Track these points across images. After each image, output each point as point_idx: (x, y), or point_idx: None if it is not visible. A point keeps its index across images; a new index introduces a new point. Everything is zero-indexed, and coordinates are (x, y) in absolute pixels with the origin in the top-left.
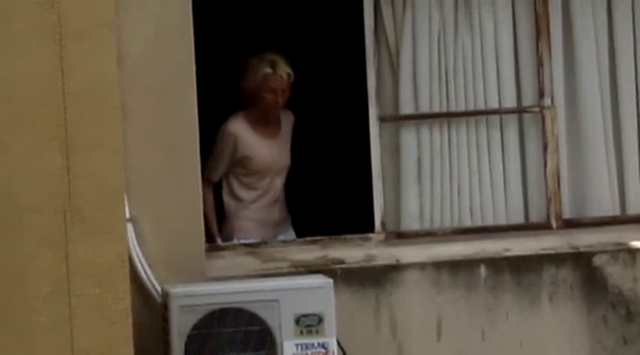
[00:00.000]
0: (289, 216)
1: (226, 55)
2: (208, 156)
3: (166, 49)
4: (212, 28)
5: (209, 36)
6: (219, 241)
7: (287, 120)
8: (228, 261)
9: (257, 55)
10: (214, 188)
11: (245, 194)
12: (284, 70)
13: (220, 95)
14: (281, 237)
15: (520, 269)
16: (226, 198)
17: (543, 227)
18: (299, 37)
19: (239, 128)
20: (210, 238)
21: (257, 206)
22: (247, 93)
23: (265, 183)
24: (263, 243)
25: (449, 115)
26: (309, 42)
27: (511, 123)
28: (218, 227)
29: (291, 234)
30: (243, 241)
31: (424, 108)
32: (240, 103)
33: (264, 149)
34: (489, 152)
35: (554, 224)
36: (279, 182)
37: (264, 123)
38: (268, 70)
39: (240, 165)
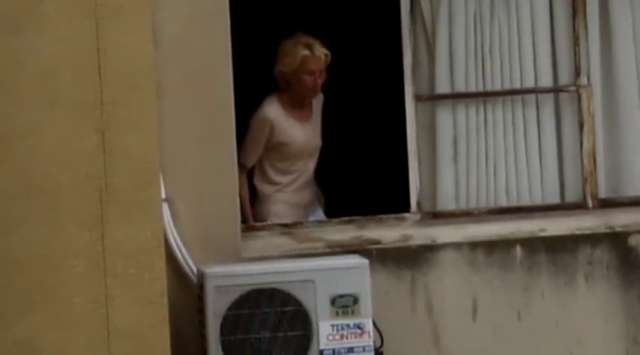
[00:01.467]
0: (322, 197)
1: (263, 34)
2: (242, 141)
3: (202, 29)
4: (247, 8)
5: (245, 16)
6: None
7: (317, 101)
8: (264, 241)
9: (290, 38)
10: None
11: (279, 178)
12: (321, 51)
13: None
14: (311, 219)
15: (556, 249)
16: (259, 183)
17: (579, 207)
18: (335, 16)
19: (275, 113)
20: (244, 222)
21: (290, 189)
22: (284, 76)
23: (299, 166)
24: (299, 223)
25: (485, 94)
26: (345, 21)
27: (547, 102)
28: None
29: (320, 215)
30: (278, 222)
31: (460, 88)
32: (271, 86)
33: (299, 133)
34: (525, 131)
35: (590, 204)
36: (311, 164)
37: (298, 106)
38: (306, 52)
39: (275, 150)
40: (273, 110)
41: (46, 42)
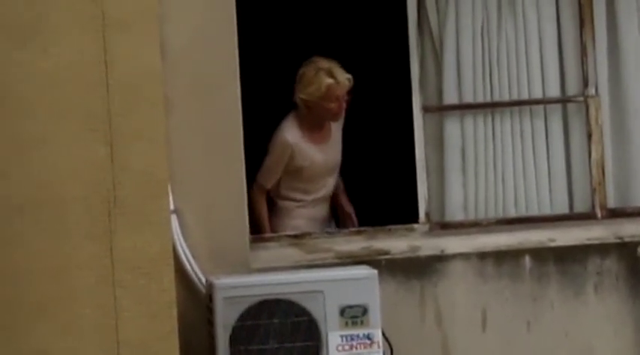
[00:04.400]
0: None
1: (271, 47)
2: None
3: (210, 41)
4: (255, 21)
5: (253, 28)
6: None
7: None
8: (273, 252)
9: (309, 64)
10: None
11: (298, 196)
12: (344, 76)
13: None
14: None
15: (565, 259)
16: (277, 198)
17: (588, 217)
18: (342, 27)
19: (295, 138)
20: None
21: (310, 205)
22: (306, 103)
23: (318, 184)
24: (307, 234)
25: (493, 105)
26: (352, 32)
27: (555, 112)
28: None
29: (334, 227)
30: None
31: (468, 98)
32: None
33: (319, 156)
34: (533, 142)
35: (598, 214)
36: (331, 181)
37: (318, 128)
38: (330, 81)
39: (295, 173)
40: (293, 135)
41: (53, 54)
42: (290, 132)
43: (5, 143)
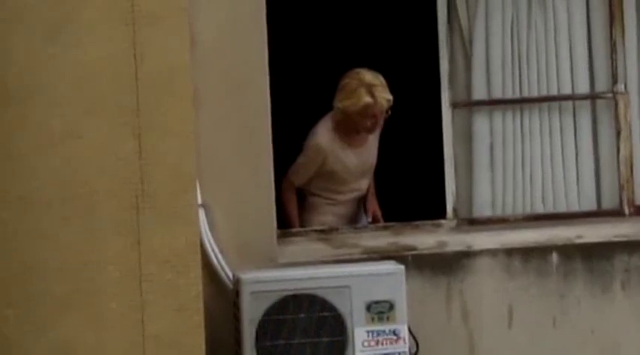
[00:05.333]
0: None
1: (301, 44)
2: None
3: (239, 35)
4: (285, 18)
5: (283, 25)
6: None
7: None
8: (300, 246)
9: (352, 75)
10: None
11: (329, 194)
12: (384, 97)
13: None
14: None
15: (592, 256)
16: (309, 194)
17: (616, 214)
18: (372, 23)
19: (330, 143)
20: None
21: (341, 204)
22: (343, 113)
23: (351, 187)
24: (335, 229)
25: (521, 101)
26: (382, 28)
27: (584, 109)
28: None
29: (364, 222)
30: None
31: (497, 94)
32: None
33: (353, 160)
34: (562, 138)
35: (626, 211)
36: (364, 182)
37: (355, 133)
38: (368, 100)
39: (327, 175)
40: (327, 139)
41: (83, 48)
42: (325, 137)
43: (34, 137)
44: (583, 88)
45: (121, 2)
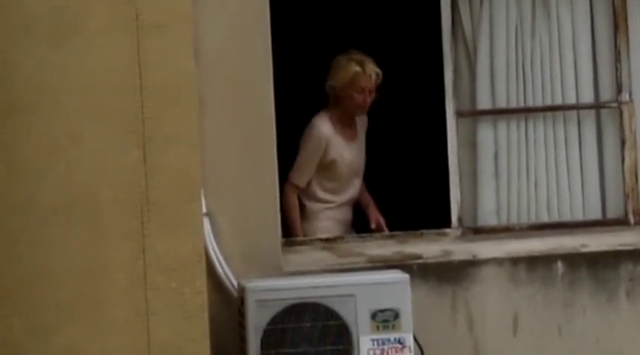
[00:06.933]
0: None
1: (303, 52)
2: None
3: (243, 43)
4: (289, 25)
5: (287, 32)
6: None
7: (362, 122)
8: (305, 255)
9: (344, 54)
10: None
11: (327, 196)
12: (373, 69)
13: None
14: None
15: (597, 265)
16: (306, 200)
17: (621, 223)
18: (376, 32)
19: (328, 131)
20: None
21: (337, 207)
22: (334, 91)
23: (346, 185)
24: (339, 237)
25: (526, 110)
26: (387, 37)
27: (588, 118)
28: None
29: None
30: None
31: (501, 104)
32: (311, 100)
33: (348, 152)
34: (566, 147)
35: (631, 220)
36: (357, 182)
37: (347, 124)
38: (357, 69)
39: (326, 169)
40: (326, 127)
41: (87, 56)
42: (323, 125)
43: (40, 145)
44: (587, 97)
45: (126, 11)
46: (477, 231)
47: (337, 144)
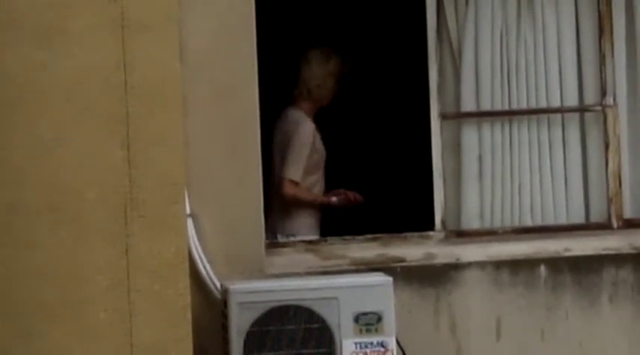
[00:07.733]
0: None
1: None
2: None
3: (229, 44)
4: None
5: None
6: (334, 199)
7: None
8: (288, 257)
9: (314, 49)
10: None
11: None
12: (338, 58)
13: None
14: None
15: (580, 269)
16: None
17: (604, 227)
18: (361, 33)
19: (312, 123)
20: (322, 205)
21: (316, 206)
22: (306, 84)
23: (321, 179)
24: (323, 240)
25: (510, 113)
26: (371, 39)
27: (573, 121)
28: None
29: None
30: (302, 238)
31: (486, 106)
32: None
33: (320, 143)
34: (551, 151)
35: (615, 224)
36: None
37: (314, 116)
38: (323, 58)
39: (312, 161)
40: (311, 123)
41: (72, 56)
42: (308, 121)
43: (23, 145)
44: (572, 100)
45: (111, 11)
46: (461, 234)
47: (317, 136)
